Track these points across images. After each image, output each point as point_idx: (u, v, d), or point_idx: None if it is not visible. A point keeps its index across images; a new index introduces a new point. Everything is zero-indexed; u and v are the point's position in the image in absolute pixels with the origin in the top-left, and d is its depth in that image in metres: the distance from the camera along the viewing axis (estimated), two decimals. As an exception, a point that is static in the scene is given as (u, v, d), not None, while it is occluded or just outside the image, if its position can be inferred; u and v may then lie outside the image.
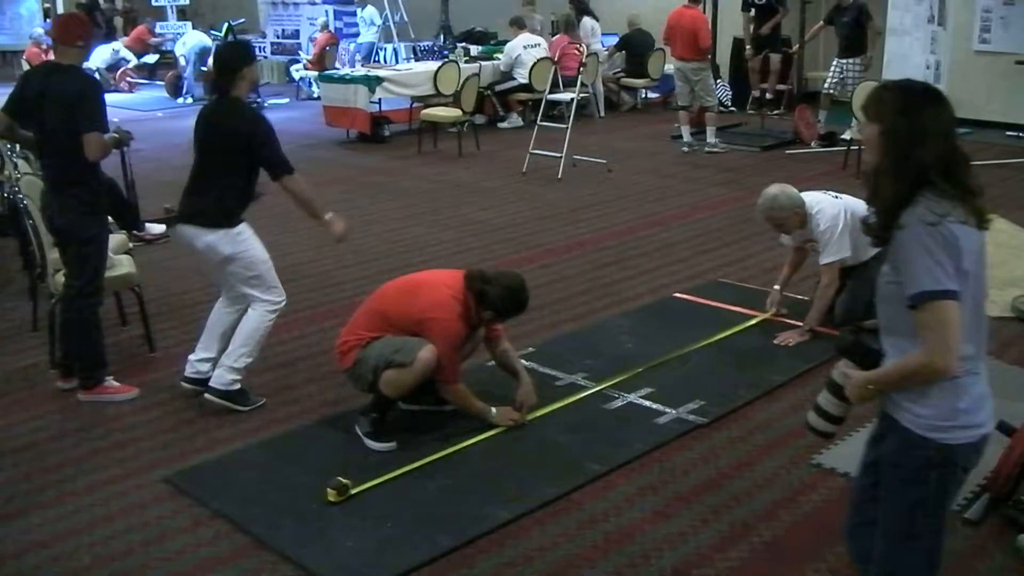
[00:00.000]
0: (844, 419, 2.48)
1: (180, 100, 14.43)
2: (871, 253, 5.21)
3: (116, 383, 4.61)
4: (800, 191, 5.33)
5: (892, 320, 2.31)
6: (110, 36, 17.02)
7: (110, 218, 6.42)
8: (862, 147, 8.85)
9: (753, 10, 11.79)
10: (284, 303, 4.49)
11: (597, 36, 12.79)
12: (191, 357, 4.55)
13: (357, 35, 15.66)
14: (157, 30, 16.33)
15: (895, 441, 2.36)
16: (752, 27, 11.87)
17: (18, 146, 6.12)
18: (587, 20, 12.64)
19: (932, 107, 2.22)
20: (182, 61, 14.69)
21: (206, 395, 4.42)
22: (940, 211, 2.16)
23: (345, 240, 4.61)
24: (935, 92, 2.27)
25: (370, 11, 15.24)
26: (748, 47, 11.94)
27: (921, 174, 2.18)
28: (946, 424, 2.27)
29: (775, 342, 5.08)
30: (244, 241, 4.34)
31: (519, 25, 12.27)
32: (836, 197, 5.22)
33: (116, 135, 4.72)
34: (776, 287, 5.41)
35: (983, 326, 2.33)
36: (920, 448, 2.29)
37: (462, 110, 10.69)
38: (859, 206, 5.20)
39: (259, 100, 13.20)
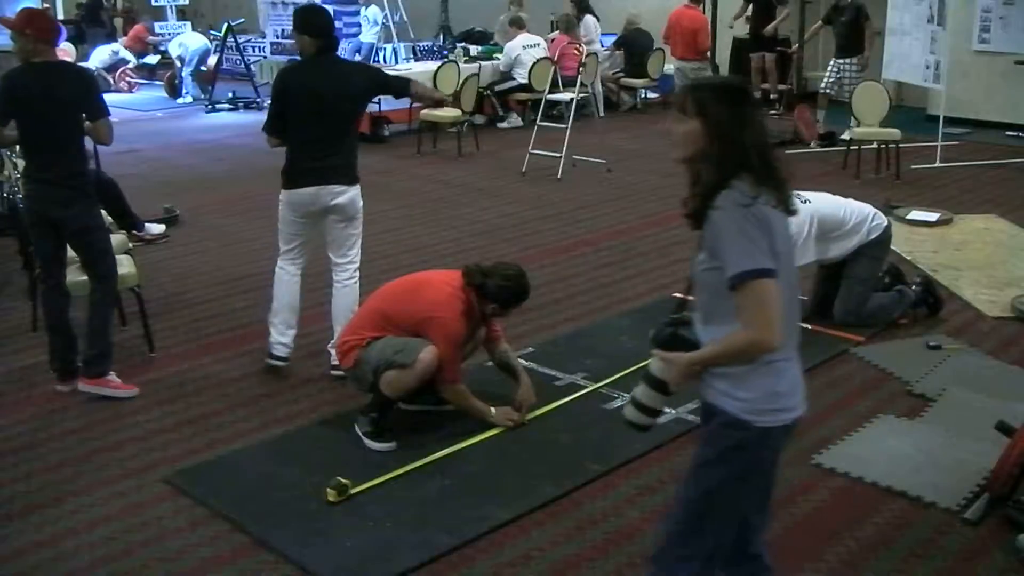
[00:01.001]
0: (661, 412, 2.49)
1: (180, 100, 14.43)
2: (840, 253, 5.21)
3: (118, 379, 4.62)
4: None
5: (710, 307, 2.35)
6: (113, 35, 17.00)
7: (110, 218, 6.46)
8: (858, 147, 8.91)
9: (751, 6, 11.77)
10: None
11: (598, 35, 12.77)
12: (277, 338, 4.78)
13: (357, 35, 15.65)
14: (156, 30, 16.32)
15: (712, 422, 2.42)
16: (749, 21, 11.85)
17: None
18: (588, 19, 12.62)
19: (747, 99, 2.36)
20: (177, 62, 14.69)
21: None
22: (753, 194, 2.25)
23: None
24: (744, 86, 2.43)
25: (373, 10, 15.23)
26: (734, 22, 11.89)
27: (743, 161, 2.27)
28: (766, 407, 2.34)
29: None
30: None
31: (518, 25, 12.28)
32: (804, 201, 5.21)
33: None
34: None
35: (794, 313, 2.41)
36: (738, 430, 2.34)
37: (462, 110, 10.68)
38: (827, 209, 5.20)
39: (258, 100, 13.20)
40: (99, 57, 15.67)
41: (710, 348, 2.33)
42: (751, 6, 11.80)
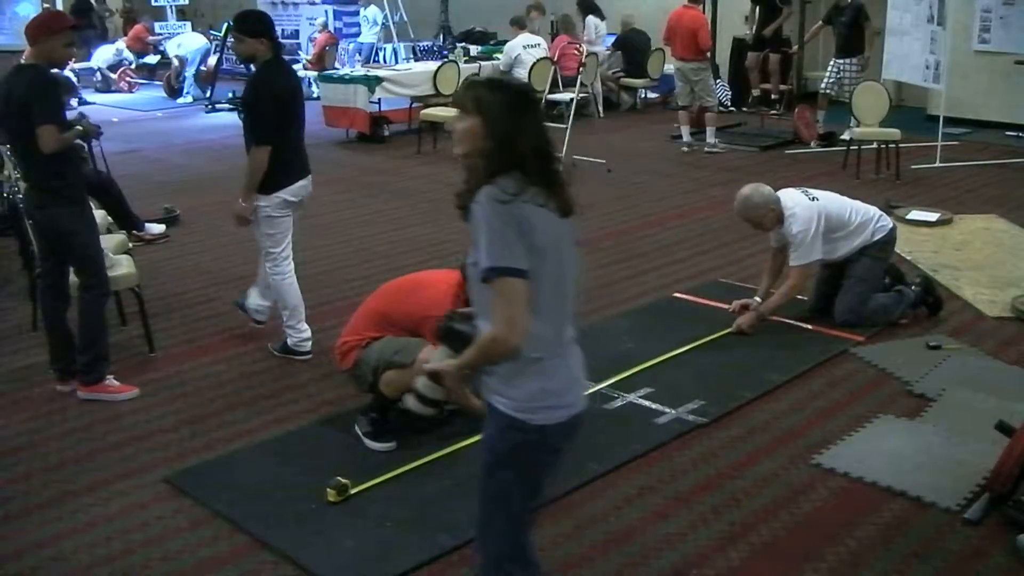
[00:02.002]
0: (446, 401, 2.50)
1: (180, 100, 14.43)
2: (844, 253, 5.24)
3: (116, 382, 4.62)
4: (779, 189, 5.37)
5: (480, 301, 2.38)
6: (104, 37, 16.97)
7: (110, 219, 6.46)
8: (858, 147, 8.90)
9: (759, 7, 11.77)
10: None
11: (602, 35, 12.76)
12: (305, 335, 5.01)
13: (357, 35, 15.65)
14: (156, 30, 16.32)
15: (492, 425, 2.43)
16: (755, 24, 11.86)
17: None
18: (591, 19, 12.61)
19: (526, 99, 2.39)
20: (175, 62, 14.69)
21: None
22: (514, 191, 2.25)
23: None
24: (523, 87, 2.46)
25: (373, 10, 15.23)
26: (748, 31, 11.90)
27: (516, 159, 2.29)
28: (536, 405, 2.35)
29: (732, 328, 5.18)
30: None
31: (519, 25, 12.28)
32: (813, 199, 5.24)
33: (80, 128, 4.69)
34: (756, 299, 5.37)
35: (567, 310, 2.41)
36: (515, 430, 2.36)
37: (462, 110, 10.66)
38: (834, 207, 5.23)
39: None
40: (102, 56, 15.68)
41: (469, 351, 2.36)
42: (757, 7, 11.81)
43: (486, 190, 2.26)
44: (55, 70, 4.70)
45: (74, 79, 13.78)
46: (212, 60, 14.40)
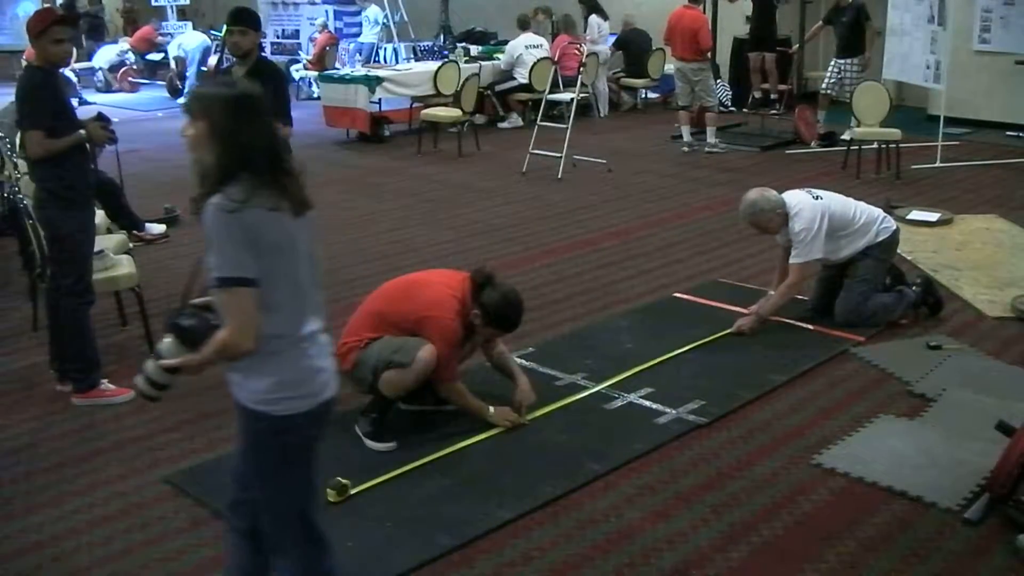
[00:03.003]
0: (170, 386, 2.54)
1: (181, 100, 14.43)
2: (848, 253, 5.24)
3: (111, 385, 4.59)
4: (783, 191, 5.37)
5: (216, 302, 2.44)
6: (96, 35, 16.91)
7: (109, 219, 6.46)
8: (859, 147, 8.90)
9: (754, 6, 11.74)
10: None
11: (604, 35, 12.76)
12: None
13: (357, 35, 15.66)
14: (160, 30, 16.35)
15: (240, 418, 2.52)
16: (751, 24, 11.85)
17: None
18: (594, 18, 12.61)
19: (251, 104, 2.42)
20: (173, 63, 14.69)
21: None
22: (241, 198, 2.31)
23: None
24: (248, 92, 2.45)
25: (374, 10, 15.23)
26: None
27: (244, 163, 2.35)
28: (276, 396, 2.43)
29: (732, 329, 5.18)
30: None
31: (524, 26, 12.29)
32: (817, 198, 5.25)
33: (83, 133, 4.44)
34: (770, 292, 5.40)
35: (307, 305, 2.49)
36: (259, 420, 2.46)
37: (462, 110, 10.68)
38: (838, 207, 5.24)
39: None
40: (104, 57, 15.68)
41: (202, 351, 2.41)
42: (752, 5, 11.79)
43: (214, 200, 2.32)
44: (62, 70, 4.65)
45: (74, 79, 13.80)
46: (212, 60, 14.40)
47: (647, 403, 4.41)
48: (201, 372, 2.48)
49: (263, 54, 5.04)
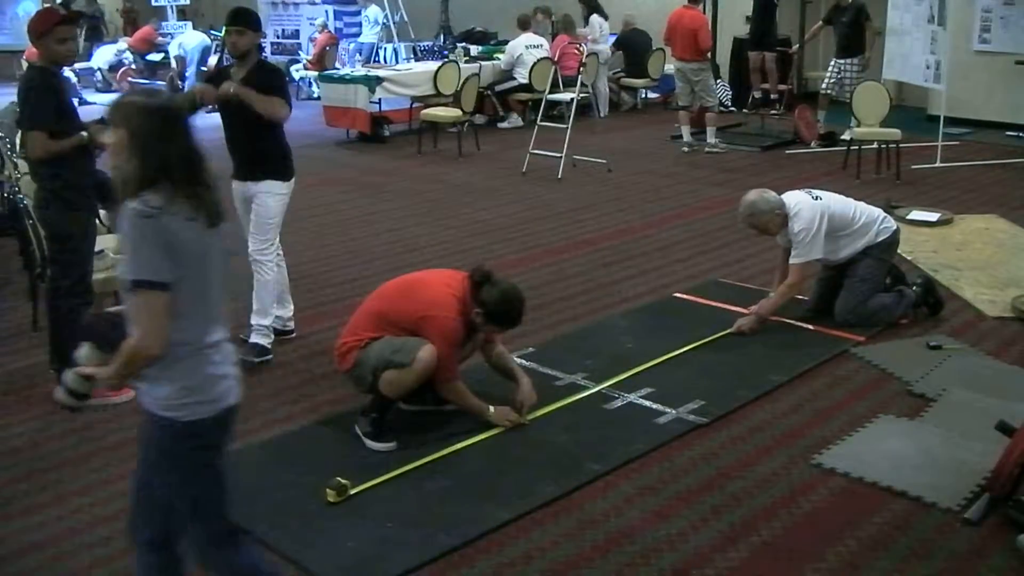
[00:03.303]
0: (90, 395, 2.58)
1: (180, 100, 14.42)
2: (848, 253, 5.24)
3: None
4: (783, 191, 5.37)
5: (129, 307, 2.46)
6: (94, 35, 16.92)
7: (110, 220, 6.45)
8: (859, 147, 8.90)
9: (754, 5, 11.74)
10: None
11: (605, 34, 12.77)
12: (271, 319, 5.05)
13: (357, 35, 15.66)
14: (160, 30, 16.35)
15: (145, 424, 2.55)
16: (752, 19, 11.85)
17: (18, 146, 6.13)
18: (595, 18, 12.61)
19: (170, 114, 2.48)
20: (174, 63, 14.69)
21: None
22: (158, 204, 2.36)
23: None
24: (168, 103, 2.53)
25: (374, 10, 15.24)
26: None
27: (162, 171, 2.40)
28: (181, 402, 2.46)
29: (732, 329, 5.17)
30: None
31: (525, 26, 12.29)
32: (816, 198, 5.25)
33: (85, 135, 4.39)
34: (771, 293, 5.40)
35: (212, 314, 2.53)
36: (164, 427, 2.48)
37: (462, 110, 10.69)
38: (838, 207, 5.24)
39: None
40: (103, 57, 15.68)
41: (117, 358, 2.44)
42: (752, 5, 11.79)
43: (132, 205, 2.36)
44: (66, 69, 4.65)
45: (74, 79, 13.79)
46: (213, 60, 14.40)
47: (647, 403, 4.41)
48: (119, 383, 2.51)
49: (264, 56, 5.00)
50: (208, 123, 4.70)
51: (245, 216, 5.02)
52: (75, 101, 13.08)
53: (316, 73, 13.89)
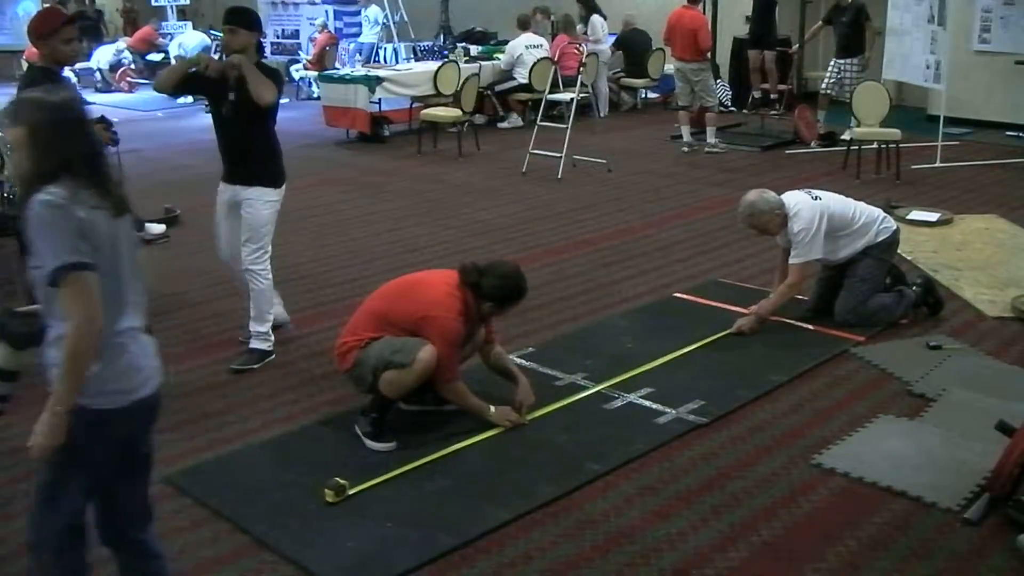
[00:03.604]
0: (10, 396, 2.67)
1: (180, 100, 14.41)
2: (847, 253, 5.25)
3: None
4: (783, 191, 5.37)
5: (47, 305, 2.49)
6: (92, 35, 16.92)
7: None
8: (859, 147, 8.90)
9: (754, 4, 11.74)
10: None
11: (606, 34, 12.77)
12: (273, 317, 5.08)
13: (357, 35, 15.66)
14: (160, 30, 16.36)
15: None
16: (752, 19, 11.85)
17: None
18: (596, 18, 12.61)
19: (69, 110, 2.50)
20: (173, 63, 14.68)
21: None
22: (66, 195, 2.39)
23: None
24: (66, 100, 2.53)
25: (374, 10, 15.24)
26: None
27: (64, 166, 2.42)
28: (93, 390, 2.46)
29: (732, 329, 5.17)
30: None
31: (524, 26, 12.29)
32: (816, 198, 5.25)
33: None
34: (772, 293, 5.40)
35: (129, 301, 2.56)
36: (76, 414, 2.47)
37: (462, 110, 10.69)
38: (837, 207, 5.25)
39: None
40: (103, 57, 15.68)
41: (63, 364, 2.40)
42: (752, 4, 11.79)
43: (39, 197, 2.38)
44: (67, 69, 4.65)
45: (73, 79, 13.78)
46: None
47: (647, 403, 4.41)
48: (70, 396, 2.45)
49: (264, 57, 4.98)
50: (200, 124, 4.71)
51: (225, 221, 5.02)
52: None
53: (316, 73, 13.89)
